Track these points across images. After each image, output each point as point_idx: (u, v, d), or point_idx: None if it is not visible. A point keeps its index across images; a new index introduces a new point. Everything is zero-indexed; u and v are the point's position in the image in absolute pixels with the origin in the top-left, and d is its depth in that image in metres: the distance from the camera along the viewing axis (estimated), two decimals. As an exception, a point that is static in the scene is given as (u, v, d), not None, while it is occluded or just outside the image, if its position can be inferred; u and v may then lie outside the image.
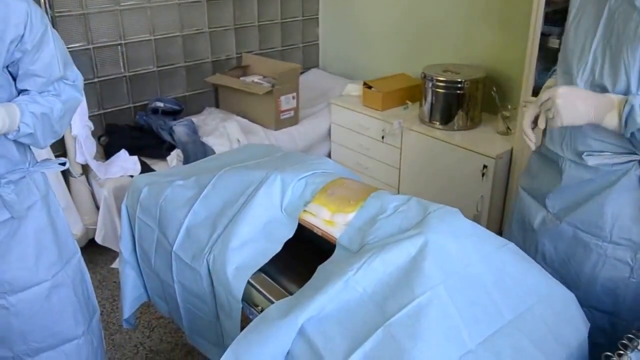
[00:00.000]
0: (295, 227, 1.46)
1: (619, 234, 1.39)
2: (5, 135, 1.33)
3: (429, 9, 3.24)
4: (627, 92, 1.26)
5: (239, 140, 3.08)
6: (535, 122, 1.41)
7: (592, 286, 1.46)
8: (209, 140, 3.06)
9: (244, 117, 3.36)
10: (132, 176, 2.81)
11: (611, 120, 1.26)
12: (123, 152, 2.89)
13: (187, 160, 2.90)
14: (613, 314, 1.46)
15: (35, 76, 1.36)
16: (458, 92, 2.77)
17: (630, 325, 1.37)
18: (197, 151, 2.97)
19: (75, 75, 1.47)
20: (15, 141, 1.39)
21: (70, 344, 1.60)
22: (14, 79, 1.36)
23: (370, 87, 3.16)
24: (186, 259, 1.58)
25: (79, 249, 1.67)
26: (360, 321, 1.15)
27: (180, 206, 1.67)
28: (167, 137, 3.05)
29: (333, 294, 1.20)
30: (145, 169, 2.86)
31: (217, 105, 3.64)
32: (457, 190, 2.71)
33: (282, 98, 3.25)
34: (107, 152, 2.99)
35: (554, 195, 1.48)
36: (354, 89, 3.39)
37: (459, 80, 2.75)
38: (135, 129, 3.22)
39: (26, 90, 1.37)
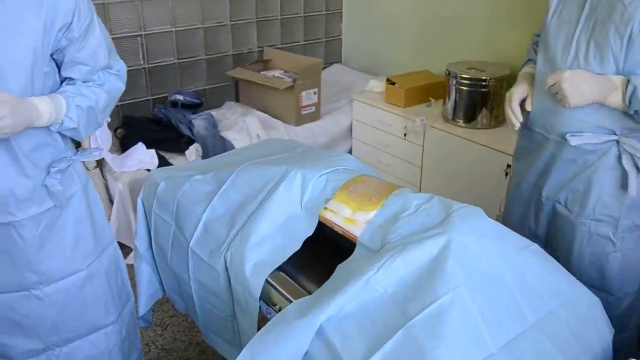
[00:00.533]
0: (316, 224, 1.46)
1: (601, 211, 1.52)
2: (48, 127, 1.35)
3: (453, 5, 3.22)
4: (617, 74, 1.40)
5: (259, 136, 3.09)
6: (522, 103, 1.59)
7: (581, 263, 1.58)
8: (229, 135, 3.08)
9: (264, 112, 3.38)
10: (149, 170, 2.84)
11: (615, 99, 1.40)
12: (140, 145, 2.91)
13: (206, 155, 2.92)
14: (603, 289, 1.57)
15: (81, 64, 1.37)
16: (483, 89, 2.74)
17: (620, 302, 1.61)
18: (216, 146, 2.99)
19: (120, 65, 1.49)
20: None
21: (98, 333, 1.62)
22: (58, 67, 1.38)
23: (393, 84, 3.15)
24: (203, 255, 1.59)
25: (115, 240, 1.68)
26: (381, 322, 1.15)
27: (198, 201, 1.67)
28: (186, 131, 3.07)
29: (353, 294, 1.20)
30: (163, 162, 2.88)
31: (237, 100, 3.66)
32: (479, 189, 2.69)
33: (304, 93, 3.26)
34: (123, 144, 3.02)
35: (540, 175, 1.63)
36: (377, 85, 3.38)
37: (484, 77, 2.73)
38: (153, 122, 3.25)
39: (70, 78, 1.38)
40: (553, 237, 1.67)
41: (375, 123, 3.25)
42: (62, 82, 1.40)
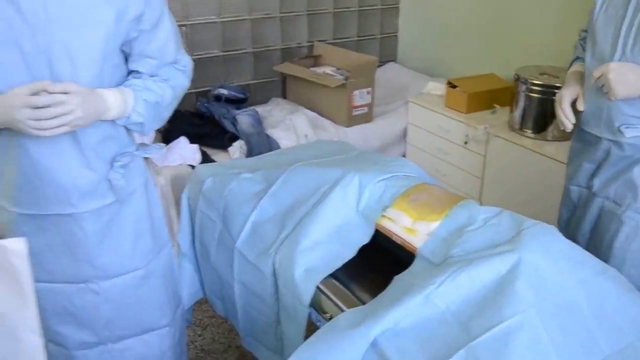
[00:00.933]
0: (372, 232, 1.49)
1: None
2: (114, 120, 1.42)
3: (523, 5, 3.19)
4: None
5: (306, 135, 3.14)
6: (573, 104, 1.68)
7: (622, 261, 1.63)
8: (274, 133, 3.13)
9: (312, 110, 3.42)
10: (191, 165, 2.92)
11: None
12: (183, 140, 2.99)
13: (250, 153, 2.98)
14: None
15: (149, 58, 1.43)
16: (555, 98, 2.71)
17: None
18: (261, 144, 3.04)
19: (187, 61, 1.54)
20: None
21: (152, 334, 1.68)
22: (126, 60, 1.44)
23: (454, 87, 3.15)
24: (250, 256, 1.64)
25: (171, 241, 1.75)
26: (441, 339, 1.16)
27: (246, 200, 1.73)
28: (229, 127, 3.14)
29: (412, 308, 1.22)
30: (205, 159, 2.96)
31: (283, 96, 3.72)
32: (544, 205, 2.65)
33: (356, 92, 3.29)
34: (165, 138, 3.10)
35: (590, 176, 1.72)
36: (436, 87, 3.39)
37: (558, 85, 2.70)
38: (196, 116, 3.33)
39: (137, 71, 1.45)
40: (595, 240, 1.73)
41: (433, 128, 3.26)
42: (127, 75, 1.46)
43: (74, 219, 1.46)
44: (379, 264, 1.55)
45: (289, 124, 3.22)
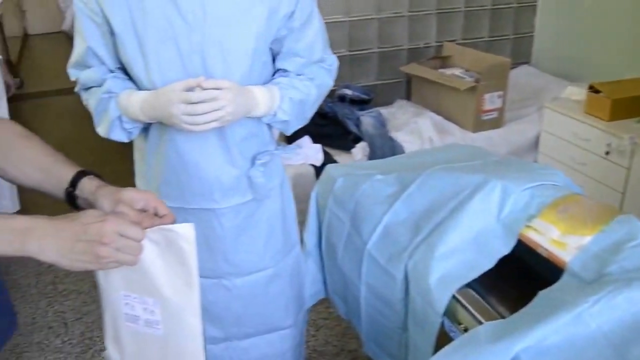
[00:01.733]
0: (514, 243, 1.44)
1: None
2: (260, 118, 1.47)
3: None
4: None
5: (431, 139, 3.10)
6: None
7: None
8: (398, 136, 3.13)
9: (438, 113, 3.38)
10: (313, 165, 2.98)
11: None
12: (307, 139, 3.07)
13: (372, 155, 2.99)
14: None
15: (297, 56, 1.47)
16: None
17: None
18: (384, 146, 3.05)
19: (332, 60, 1.58)
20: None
21: (276, 334, 1.74)
22: (273, 58, 1.50)
23: (597, 92, 2.99)
24: (381, 259, 1.64)
25: (300, 241, 1.80)
26: (592, 362, 1.11)
27: (379, 202, 1.73)
28: (352, 128, 3.17)
29: (560, 326, 1.17)
30: (328, 159, 3.01)
31: (408, 98, 3.70)
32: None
33: (486, 96, 3.21)
34: (288, 137, 3.19)
35: None
36: (576, 92, 3.23)
37: None
38: (320, 116, 3.39)
39: (284, 70, 1.49)
40: None
41: (570, 137, 3.11)
42: (274, 74, 1.51)
43: (215, 214, 1.53)
44: (517, 276, 1.49)
45: (414, 127, 3.20)
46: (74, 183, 1.13)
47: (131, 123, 1.43)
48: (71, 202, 1.14)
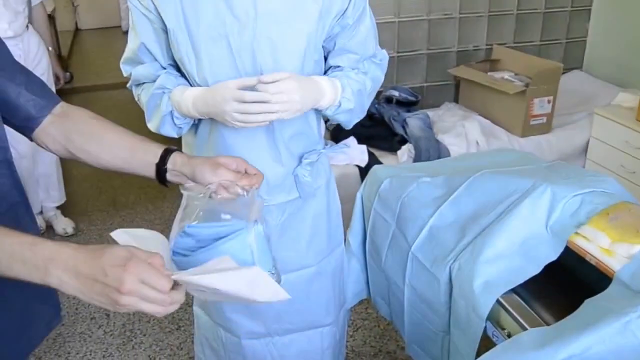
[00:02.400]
0: (562, 249, 1.44)
1: None
2: (323, 110, 1.48)
3: None
4: None
5: (478, 143, 3.10)
6: None
7: None
8: (445, 139, 3.13)
9: (486, 117, 3.37)
10: (357, 166, 3.01)
11: None
12: (352, 140, 3.10)
13: (418, 157, 3.01)
14: None
15: (350, 53, 1.49)
16: None
17: None
18: (430, 148, 3.06)
19: (383, 55, 1.59)
20: (319, 120, 1.57)
21: (316, 331, 1.77)
22: (325, 57, 1.52)
23: (651, 99, 2.94)
24: (425, 262, 1.66)
25: (344, 240, 1.83)
26: (639, 373, 1.11)
27: (425, 205, 1.75)
28: (399, 130, 3.19)
29: (606, 335, 1.18)
30: (373, 160, 3.03)
31: (456, 101, 3.70)
32: None
33: (536, 101, 3.18)
34: (334, 137, 3.23)
35: None
36: (628, 99, 3.18)
37: None
38: (366, 117, 3.40)
39: (338, 66, 1.52)
40: None
41: (620, 144, 3.07)
42: (325, 72, 1.53)
43: None
44: (563, 283, 1.50)
45: (461, 131, 3.20)
46: (163, 158, 1.20)
47: (182, 119, 1.46)
48: (160, 179, 1.21)
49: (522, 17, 3.74)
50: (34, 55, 3.12)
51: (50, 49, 3.34)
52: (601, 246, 1.38)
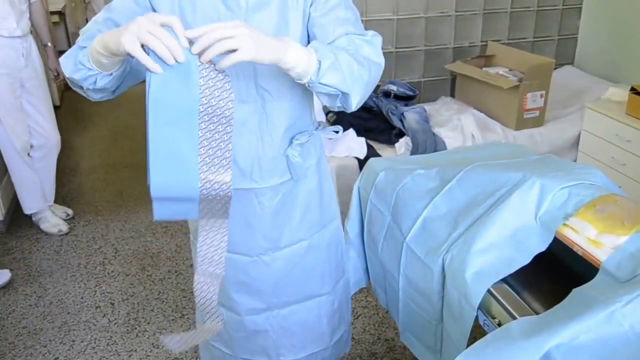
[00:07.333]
0: (550, 240, 1.42)
1: None
2: (304, 80, 1.25)
3: None
4: None
5: (473, 136, 3.07)
6: None
7: None
8: (441, 132, 3.11)
9: (481, 111, 3.35)
10: (356, 158, 2.99)
11: None
12: (351, 132, 3.08)
13: (415, 150, 2.99)
14: None
15: (329, 27, 1.37)
16: None
17: None
18: (426, 141, 3.04)
19: (372, 33, 1.43)
20: (311, 103, 1.52)
21: (312, 301, 1.76)
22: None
23: (638, 93, 2.91)
24: (419, 252, 1.64)
25: (339, 216, 1.79)
26: (623, 361, 1.09)
27: (419, 197, 1.73)
28: (396, 123, 3.17)
29: (592, 324, 1.15)
30: (371, 152, 3.01)
31: (452, 95, 3.68)
32: None
33: (529, 95, 3.15)
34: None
35: None
36: (617, 93, 3.15)
37: None
38: (365, 110, 3.39)
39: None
40: None
41: (611, 137, 3.03)
42: None
43: (255, 194, 1.54)
44: (552, 273, 1.48)
45: (457, 124, 3.17)
46: None
47: (87, 58, 1.23)
48: None
49: (516, 14, 3.70)
50: (35, 55, 3.13)
51: (49, 44, 3.32)
52: (588, 237, 1.36)
